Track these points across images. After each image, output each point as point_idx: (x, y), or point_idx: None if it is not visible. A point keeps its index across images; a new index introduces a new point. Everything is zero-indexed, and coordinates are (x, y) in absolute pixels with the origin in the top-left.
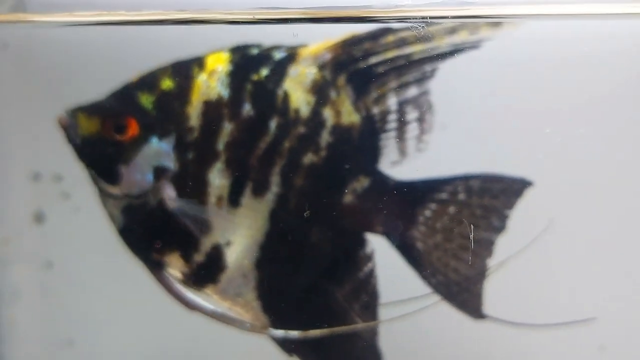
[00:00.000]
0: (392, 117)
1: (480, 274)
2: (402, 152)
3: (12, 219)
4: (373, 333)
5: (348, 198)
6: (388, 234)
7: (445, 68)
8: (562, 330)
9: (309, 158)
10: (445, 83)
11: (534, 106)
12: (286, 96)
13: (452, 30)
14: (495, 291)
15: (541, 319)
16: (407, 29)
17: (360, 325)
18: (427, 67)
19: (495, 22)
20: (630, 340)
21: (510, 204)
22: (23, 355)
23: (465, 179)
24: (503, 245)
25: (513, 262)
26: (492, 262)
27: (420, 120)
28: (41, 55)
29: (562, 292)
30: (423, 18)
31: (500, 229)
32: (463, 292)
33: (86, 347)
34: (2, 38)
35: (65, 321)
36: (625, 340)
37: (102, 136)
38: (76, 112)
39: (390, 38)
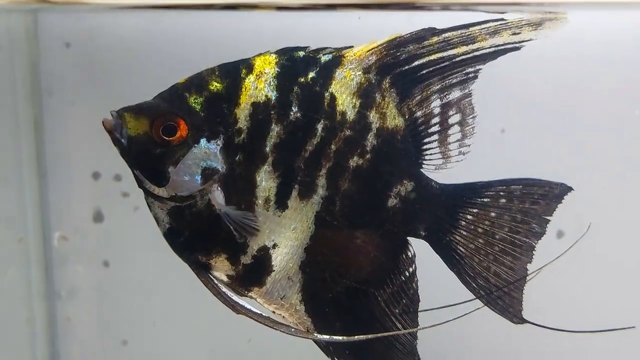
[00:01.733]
0: (435, 120)
1: (521, 278)
2: (445, 155)
3: (71, 218)
4: (413, 338)
5: (392, 201)
6: (430, 238)
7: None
8: (601, 336)
9: (354, 161)
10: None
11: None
12: (333, 99)
13: (495, 31)
14: (535, 296)
15: (580, 324)
16: (451, 29)
17: (401, 332)
18: (470, 69)
19: (536, 22)
20: None
21: (550, 209)
22: (78, 354)
23: (507, 183)
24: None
25: (553, 267)
26: (531, 267)
27: (462, 123)
28: (103, 54)
29: (602, 298)
30: None
31: (540, 234)
32: (504, 296)
33: (140, 347)
34: (64, 37)
35: (120, 321)
36: None
37: (151, 137)
38: (123, 113)
39: (434, 39)
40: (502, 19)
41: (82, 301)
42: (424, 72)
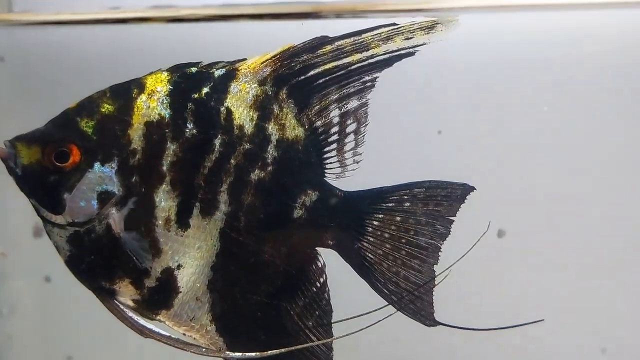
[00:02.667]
0: (335, 129)
1: (430, 280)
2: (342, 164)
3: (10, 234)
4: (328, 350)
5: (297, 212)
6: (338, 247)
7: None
8: (511, 332)
9: (256, 174)
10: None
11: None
12: (229, 113)
13: (387, 37)
14: (444, 297)
15: (490, 322)
16: (344, 37)
17: (315, 343)
18: (367, 77)
19: (428, 26)
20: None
21: (453, 210)
22: None
23: (410, 187)
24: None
25: (459, 268)
26: (438, 269)
27: (357, 132)
28: (36, 68)
29: (509, 294)
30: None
31: (445, 235)
32: (415, 300)
33: None
34: None
35: (64, 336)
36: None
37: (43, 164)
38: (15, 142)
39: (328, 48)
40: (394, 24)
41: (24, 318)
42: (321, 81)
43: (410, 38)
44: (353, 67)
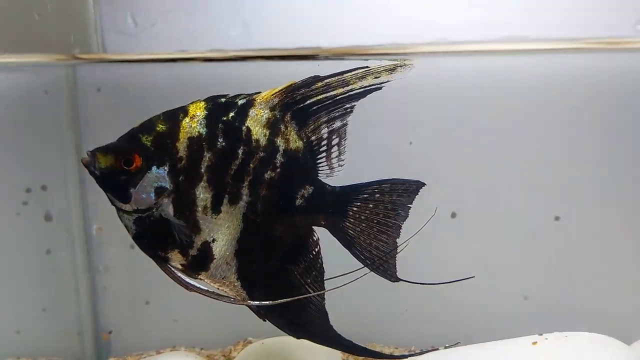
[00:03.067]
0: (324, 142)
1: (393, 249)
2: (330, 167)
3: (105, 214)
4: (321, 299)
5: (298, 202)
6: (328, 226)
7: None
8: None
9: (268, 174)
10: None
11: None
12: (248, 131)
13: (362, 76)
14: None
15: (436, 278)
16: (330, 76)
17: (312, 294)
18: (347, 105)
19: (390, 68)
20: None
21: (410, 200)
22: (113, 313)
23: (379, 183)
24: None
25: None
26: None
27: (340, 144)
28: (126, 96)
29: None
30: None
31: (405, 217)
32: (383, 263)
33: (159, 306)
34: (96, 84)
35: (143, 287)
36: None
37: (115, 168)
38: (95, 152)
39: (319, 84)
40: (367, 66)
41: (115, 274)
42: (314, 108)
43: (378, 77)
44: (337, 98)
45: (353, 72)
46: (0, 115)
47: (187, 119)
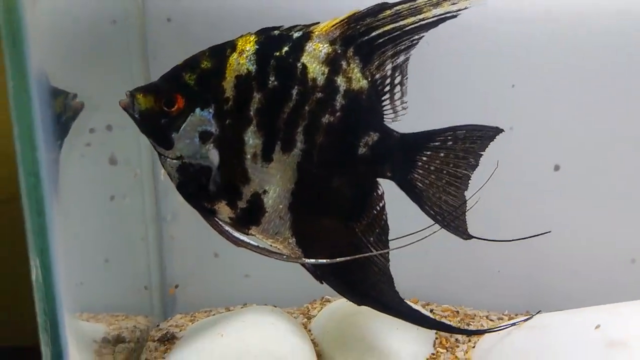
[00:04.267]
0: (388, 81)
1: (463, 203)
2: (395, 110)
3: None
4: (385, 261)
5: (361, 150)
6: (395, 178)
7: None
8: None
9: (327, 119)
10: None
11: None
12: (304, 68)
13: (437, 3)
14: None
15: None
16: (403, 2)
17: (374, 253)
18: (416, 36)
19: None
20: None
21: (484, 147)
22: (180, 264)
23: (454, 129)
24: None
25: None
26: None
27: (402, 84)
28: (196, 27)
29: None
30: None
31: (475, 166)
32: (454, 219)
33: (228, 259)
34: (166, 14)
35: (212, 238)
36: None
37: (156, 110)
38: (134, 93)
39: (387, 12)
40: None
41: (183, 223)
42: (380, 40)
43: (455, 3)
44: (407, 28)
45: None
46: (63, 46)
47: (235, 55)
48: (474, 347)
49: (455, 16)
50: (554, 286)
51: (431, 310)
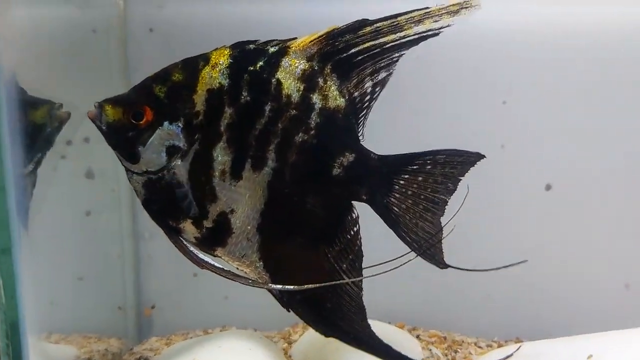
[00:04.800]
0: (367, 98)
1: (439, 230)
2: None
3: None
4: (358, 290)
5: (336, 171)
6: (370, 201)
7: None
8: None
9: (300, 137)
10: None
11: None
12: (279, 84)
13: (419, 20)
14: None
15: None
16: (382, 19)
17: (347, 281)
18: (396, 54)
19: (454, 10)
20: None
21: (464, 171)
22: (157, 284)
23: (433, 153)
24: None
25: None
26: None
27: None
28: (180, 38)
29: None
30: None
31: (453, 191)
32: (430, 247)
33: (207, 279)
34: (147, 23)
35: None
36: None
37: (123, 122)
38: (103, 104)
39: (367, 29)
40: (427, 7)
41: (161, 241)
42: (359, 58)
43: (438, 21)
44: (387, 45)
45: (409, 15)
46: (42, 55)
47: (207, 68)
48: None
49: (437, 34)
50: (545, 312)
51: (417, 336)
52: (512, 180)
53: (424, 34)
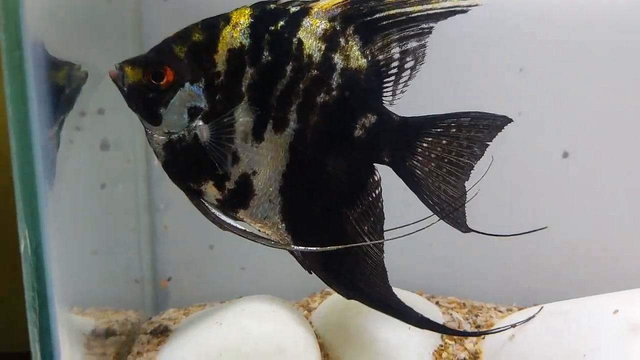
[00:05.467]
0: (394, 64)
1: (462, 194)
2: (394, 93)
3: None
4: (379, 252)
5: (358, 132)
6: (392, 164)
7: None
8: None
9: (322, 97)
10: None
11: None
12: (300, 44)
13: None
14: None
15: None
16: None
17: (369, 243)
18: (424, 25)
19: None
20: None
21: (491, 136)
22: (173, 256)
23: (458, 115)
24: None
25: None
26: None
27: (413, 69)
28: (193, 6)
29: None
30: None
31: (479, 155)
32: (453, 210)
33: (224, 251)
34: None
35: (207, 229)
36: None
37: (144, 83)
38: (123, 65)
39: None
40: None
41: (177, 213)
42: (384, 23)
43: None
44: (413, 15)
45: None
46: (54, 24)
47: (228, 28)
48: (483, 338)
49: (465, 11)
50: (562, 278)
51: (437, 303)
52: (530, 147)
53: (452, 9)
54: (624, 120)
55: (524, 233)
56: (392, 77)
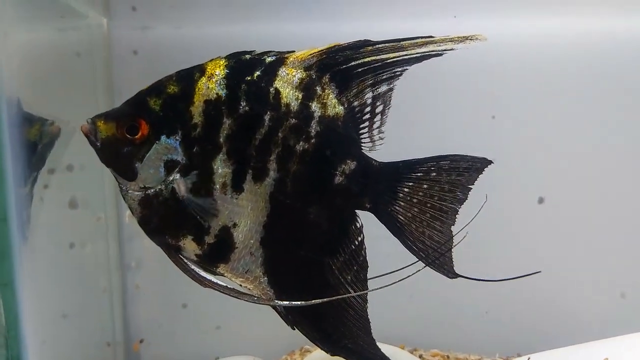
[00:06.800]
0: (368, 109)
1: (449, 239)
2: (372, 139)
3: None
4: (363, 302)
5: (338, 179)
6: (374, 210)
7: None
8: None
9: (301, 146)
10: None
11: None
12: (277, 93)
13: (422, 44)
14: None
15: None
16: (384, 42)
17: (353, 294)
18: (398, 68)
19: (459, 41)
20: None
21: (472, 180)
22: (145, 316)
23: (436, 159)
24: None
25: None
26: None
27: (383, 113)
28: (163, 61)
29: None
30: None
31: (463, 200)
32: (439, 256)
33: (197, 310)
34: (131, 45)
35: (180, 287)
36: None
37: (118, 137)
38: (95, 119)
39: (369, 48)
40: (430, 36)
41: (149, 271)
42: (359, 70)
43: (441, 45)
44: (388, 61)
45: (413, 40)
46: (24, 78)
47: (203, 79)
48: None
49: (440, 54)
50: (544, 325)
51: (420, 356)
52: (505, 193)
53: (427, 54)
54: (598, 165)
55: (513, 278)
56: (367, 123)
